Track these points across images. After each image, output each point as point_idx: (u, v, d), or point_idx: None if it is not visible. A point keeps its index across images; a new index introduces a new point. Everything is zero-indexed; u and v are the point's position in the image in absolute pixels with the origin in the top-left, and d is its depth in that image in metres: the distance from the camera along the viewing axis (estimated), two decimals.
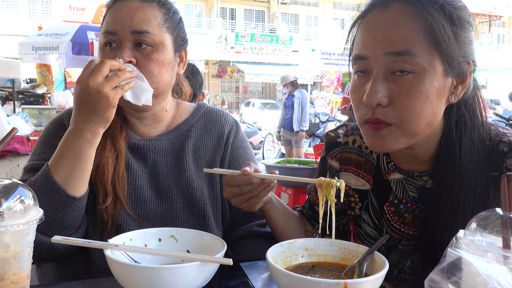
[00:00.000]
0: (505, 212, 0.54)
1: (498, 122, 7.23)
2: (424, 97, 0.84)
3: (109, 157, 1.13)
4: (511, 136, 0.93)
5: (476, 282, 0.47)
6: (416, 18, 0.83)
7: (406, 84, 0.84)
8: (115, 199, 1.11)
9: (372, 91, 0.85)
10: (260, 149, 10.41)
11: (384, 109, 0.86)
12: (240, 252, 1.24)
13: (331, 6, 27.46)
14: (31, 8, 20.43)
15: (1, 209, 0.67)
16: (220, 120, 1.31)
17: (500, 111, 8.62)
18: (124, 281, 0.82)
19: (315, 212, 1.21)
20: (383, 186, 1.04)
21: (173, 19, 1.18)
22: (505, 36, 31.46)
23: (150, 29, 1.10)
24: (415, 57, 0.83)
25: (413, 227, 0.99)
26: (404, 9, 0.84)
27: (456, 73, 0.87)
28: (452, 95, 0.89)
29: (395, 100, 0.85)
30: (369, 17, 0.89)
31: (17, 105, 6.94)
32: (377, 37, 0.86)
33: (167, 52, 1.14)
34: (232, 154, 1.29)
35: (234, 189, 0.99)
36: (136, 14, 1.10)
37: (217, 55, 23.15)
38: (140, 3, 1.12)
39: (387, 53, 0.84)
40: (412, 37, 0.83)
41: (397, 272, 1.01)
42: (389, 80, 0.85)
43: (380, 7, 0.87)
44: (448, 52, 0.84)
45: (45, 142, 1.19)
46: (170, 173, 1.21)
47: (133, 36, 1.09)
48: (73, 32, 7.02)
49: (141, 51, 1.10)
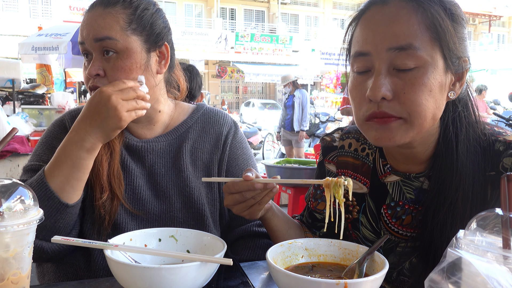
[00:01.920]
0: (505, 212, 0.54)
1: (498, 122, 7.24)
2: (428, 90, 0.85)
3: (103, 155, 1.13)
4: (506, 135, 0.93)
5: (476, 282, 0.47)
6: (417, 13, 0.84)
7: (410, 78, 0.84)
8: (111, 195, 1.12)
9: (376, 85, 0.85)
10: (260, 149, 10.40)
11: (390, 103, 0.86)
12: (239, 253, 1.24)
13: (331, 6, 27.46)
14: (31, 8, 20.43)
15: (1, 209, 0.67)
16: (219, 121, 1.30)
17: (500, 111, 8.62)
18: (124, 281, 0.82)
19: (315, 219, 1.20)
20: (380, 189, 1.04)
21: (141, 18, 1.13)
22: (505, 36, 31.48)
23: (111, 34, 1.08)
24: (418, 51, 0.83)
25: (411, 229, 0.98)
26: (404, 4, 0.85)
27: (455, 69, 0.88)
28: (451, 91, 0.90)
29: (399, 93, 0.85)
30: (368, 14, 0.89)
31: (17, 105, 6.94)
32: (379, 33, 0.86)
33: (135, 56, 1.10)
34: (230, 155, 1.28)
35: (236, 196, 0.97)
36: (97, 21, 1.09)
37: (217, 55, 23.15)
38: (102, 10, 1.10)
39: (390, 48, 0.84)
40: (414, 31, 0.83)
41: (396, 274, 1.01)
42: (392, 74, 0.86)
43: (379, 4, 0.88)
44: (449, 46, 0.85)
45: (45, 143, 1.20)
46: (168, 174, 1.21)
47: (97, 44, 1.08)
48: (73, 32, 7.02)
49: (108, 59, 1.09)
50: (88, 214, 1.13)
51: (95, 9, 1.11)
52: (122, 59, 1.09)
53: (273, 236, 1.13)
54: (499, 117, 7.10)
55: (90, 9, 1.13)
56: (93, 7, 1.12)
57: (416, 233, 0.97)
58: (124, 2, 1.12)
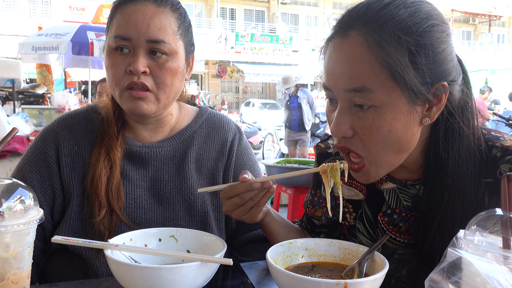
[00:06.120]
0: (505, 212, 0.54)
1: (498, 122, 7.24)
2: (386, 131, 0.82)
3: (103, 168, 1.10)
4: (504, 140, 0.91)
5: (476, 282, 0.47)
6: (371, 52, 0.80)
7: (367, 118, 0.83)
8: (110, 211, 1.10)
9: (336, 123, 0.85)
10: (260, 149, 10.41)
11: (351, 140, 0.86)
12: (249, 255, 1.24)
13: (331, 6, 27.43)
14: (31, 8, 20.42)
15: (2, 209, 0.67)
16: (223, 127, 1.29)
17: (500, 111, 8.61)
18: (124, 281, 0.82)
19: (314, 225, 1.20)
20: (376, 196, 1.03)
21: (184, 24, 1.14)
22: (505, 36, 31.46)
23: (166, 38, 1.07)
24: (372, 93, 0.80)
25: (408, 236, 0.98)
26: (361, 40, 0.81)
27: (425, 99, 0.83)
28: (425, 117, 0.85)
29: (359, 132, 0.85)
30: (331, 46, 0.87)
31: (17, 105, 6.94)
32: (336, 72, 0.84)
33: (180, 60, 1.11)
34: (237, 162, 1.28)
35: (235, 200, 0.97)
36: (152, 21, 1.06)
37: (217, 55, 23.15)
38: (155, 8, 1.07)
39: (346, 90, 0.83)
40: (368, 73, 0.80)
41: (394, 281, 1.00)
42: (353, 112, 0.84)
43: (340, 37, 0.85)
44: (408, 83, 0.80)
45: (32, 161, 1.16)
46: (172, 180, 1.19)
47: (148, 44, 1.06)
48: (73, 32, 7.02)
49: (155, 59, 1.07)
50: (87, 230, 1.10)
51: (145, 3, 1.07)
52: (170, 62, 1.08)
53: (273, 241, 1.12)
54: (499, 117, 7.09)
55: (137, 0, 1.07)
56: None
57: (413, 240, 0.96)
58: (172, 5, 1.12)
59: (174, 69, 1.09)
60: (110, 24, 1.11)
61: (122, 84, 1.07)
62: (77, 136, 1.17)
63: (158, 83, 1.08)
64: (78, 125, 1.19)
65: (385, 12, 0.81)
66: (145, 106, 1.08)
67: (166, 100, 1.11)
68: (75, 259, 1.12)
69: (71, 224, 1.11)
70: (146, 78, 1.07)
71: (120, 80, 1.07)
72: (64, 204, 1.15)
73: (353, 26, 0.82)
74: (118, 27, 1.07)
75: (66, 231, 1.11)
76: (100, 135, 1.16)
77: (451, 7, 25.50)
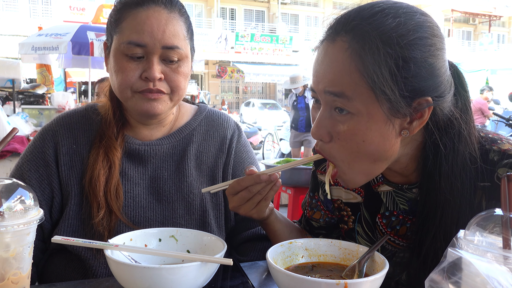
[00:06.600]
0: (505, 212, 0.54)
1: (498, 122, 7.25)
2: (360, 140, 0.82)
3: (101, 168, 1.10)
4: (501, 144, 0.88)
5: (476, 282, 0.47)
6: (352, 61, 0.79)
7: (344, 123, 0.82)
8: (109, 212, 1.09)
9: (316, 125, 0.86)
10: (260, 149, 10.41)
11: (327, 146, 0.87)
12: (247, 254, 1.24)
13: (331, 6, 27.44)
14: (31, 8, 20.43)
15: (2, 209, 0.67)
16: (222, 124, 1.30)
17: (500, 111, 8.61)
18: (124, 281, 0.82)
19: (312, 227, 1.20)
20: (374, 198, 1.03)
21: (190, 27, 1.16)
22: (505, 36, 31.47)
23: (179, 43, 1.08)
24: (350, 100, 0.80)
25: (406, 239, 0.97)
26: (345, 47, 0.80)
27: (405, 113, 0.80)
28: (404, 130, 0.83)
29: (334, 138, 0.85)
30: (320, 49, 0.87)
31: (17, 105, 6.95)
32: (320, 73, 0.85)
33: (189, 63, 1.14)
34: (236, 159, 1.28)
35: (243, 194, 0.97)
36: (167, 27, 1.06)
37: (217, 55, 23.16)
38: (168, 14, 1.08)
39: (326, 92, 0.83)
40: (347, 80, 0.80)
41: (394, 284, 1.00)
42: (333, 116, 0.84)
43: (328, 41, 0.84)
44: (386, 96, 0.78)
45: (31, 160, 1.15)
46: (171, 178, 1.19)
47: (162, 51, 1.06)
48: (73, 32, 7.03)
49: (169, 65, 1.09)
50: (87, 230, 1.10)
51: (157, 9, 1.07)
52: (183, 66, 1.11)
53: (276, 240, 1.11)
54: (499, 117, 7.10)
55: (147, 4, 1.07)
56: (154, 3, 1.08)
57: (411, 243, 0.95)
58: (180, 9, 1.13)
59: (186, 73, 1.13)
60: (117, 26, 1.09)
61: (134, 88, 1.08)
62: (76, 135, 1.17)
63: (172, 87, 1.10)
64: (76, 124, 1.19)
65: (372, 20, 0.79)
66: (160, 106, 1.10)
67: (177, 101, 1.14)
68: (74, 259, 1.12)
69: (69, 224, 1.11)
70: (161, 84, 1.08)
71: (133, 84, 1.07)
72: (62, 203, 1.15)
73: (340, 32, 0.82)
74: (131, 33, 1.06)
75: (65, 230, 1.11)
76: (99, 135, 1.16)
77: (451, 7, 25.52)
